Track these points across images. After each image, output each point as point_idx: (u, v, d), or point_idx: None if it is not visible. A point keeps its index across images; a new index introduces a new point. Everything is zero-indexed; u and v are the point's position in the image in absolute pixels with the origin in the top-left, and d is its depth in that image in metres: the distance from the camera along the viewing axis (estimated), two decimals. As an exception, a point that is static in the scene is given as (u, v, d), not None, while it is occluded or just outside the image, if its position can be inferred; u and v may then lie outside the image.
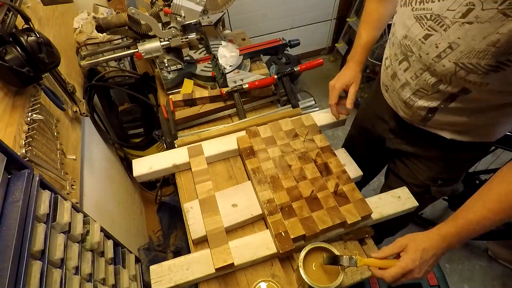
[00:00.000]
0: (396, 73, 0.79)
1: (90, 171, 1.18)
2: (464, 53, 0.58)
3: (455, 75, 0.62)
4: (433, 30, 0.62)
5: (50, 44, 0.86)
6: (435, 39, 0.62)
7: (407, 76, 0.75)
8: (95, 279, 0.81)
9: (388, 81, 0.85)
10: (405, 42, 0.71)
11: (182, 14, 1.07)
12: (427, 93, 0.72)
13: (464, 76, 0.61)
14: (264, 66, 1.36)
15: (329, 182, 0.85)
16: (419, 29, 0.64)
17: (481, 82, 0.60)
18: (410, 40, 0.68)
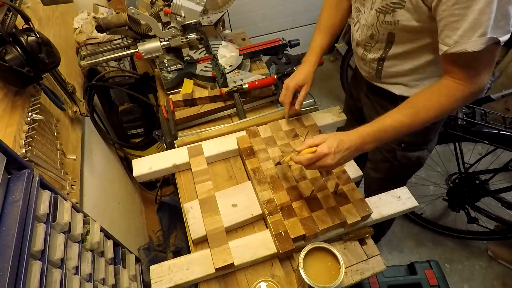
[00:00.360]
0: (353, 35, 0.94)
1: (90, 171, 1.18)
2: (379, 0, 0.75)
3: (378, 20, 0.79)
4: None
5: (50, 44, 0.86)
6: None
7: (357, 35, 0.91)
8: (95, 279, 0.81)
9: (353, 46, 0.98)
10: (355, 6, 0.89)
11: (182, 14, 1.07)
12: (371, 45, 0.88)
13: (383, 19, 0.77)
14: (264, 66, 1.36)
15: (329, 182, 0.85)
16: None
17: (394, 21, 0.75)
18: (356, 2, 0.87)
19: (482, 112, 1.31)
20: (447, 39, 0.65)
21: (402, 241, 1.78)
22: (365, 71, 0.98)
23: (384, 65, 0.89)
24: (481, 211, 1.55)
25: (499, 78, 2.10)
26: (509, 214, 1.68)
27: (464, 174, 1.51)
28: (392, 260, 1.71)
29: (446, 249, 1.75)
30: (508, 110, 2.11)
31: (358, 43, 0.92)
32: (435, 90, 0.71)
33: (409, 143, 1.02)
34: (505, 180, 1.62)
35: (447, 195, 1.65)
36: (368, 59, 0.91)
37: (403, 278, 1.13)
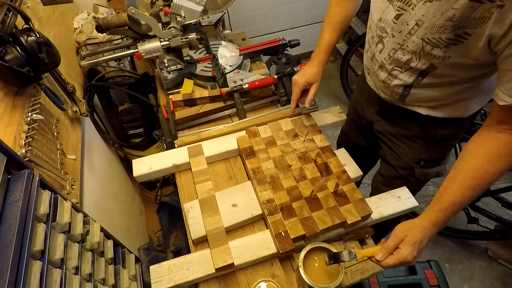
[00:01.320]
0: (374, 55, 0.86)
1: (90, 171, 1.18)
2: (428, 29, 0.65)
3: (422, 50, 0.70)
4: (402, 10, 0.69)
5: (50, 44, 0.86)
6: (405, 18, 0.69)
7: (381, 57, 0.82)
8: (95, 279, 0.81)
9: (368, 63, 0.91)
10: (380, 25, 0.78)
11: (182, 14, 1.07)
12: (400, 71, 0.79)
13: (430, 51, 0.68)
14: (264, 66, 1.36)
15: (329, 182, 0.85)
16: (391, 10, 0.72)
17: (444, 56, 0.67)
18: (384, 22, 0.76)
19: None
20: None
21: (402, 241, 1.78)
22: (384, 94, 0.90)
23: (412, 91, 0.81)
24: (481, 211, 1.55)
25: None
26: (509, 214, 1.68)
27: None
28: (392, 260, 1.71)
29: (446, 249, 1.74)
30: (508, 110, 2.11)
31: (382, 66, 0.83)
32: (495, 150, 0.64)
33: (428, 160, 0.97)
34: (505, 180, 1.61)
35: (447, 195, 1.65)
36: (393, 84, 0.83)
37: (403, 278, 1.13)
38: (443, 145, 0.95)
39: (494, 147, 0.64)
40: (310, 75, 0.95)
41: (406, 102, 0.86)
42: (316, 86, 0.97)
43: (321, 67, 0.97)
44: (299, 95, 0.97)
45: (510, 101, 0.60)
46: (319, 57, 0.98)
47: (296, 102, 0.98)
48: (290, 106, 1.00)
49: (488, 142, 0.65)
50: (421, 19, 0.66)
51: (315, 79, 0.96)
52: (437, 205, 0.67)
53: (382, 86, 0.88)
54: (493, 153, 0.64)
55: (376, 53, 0.84)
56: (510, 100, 0.60)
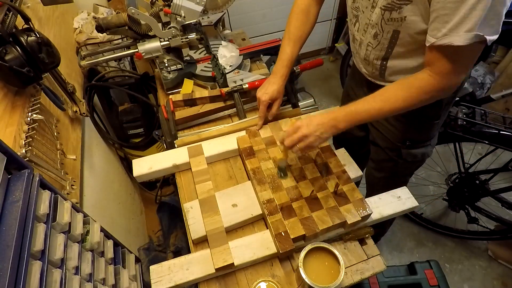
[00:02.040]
0: (354, 36, 0.93)
1: (90, 171, 1.18)
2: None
3: (383, 18, 0.77)
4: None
5: (50, 44, 0.86)
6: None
7: (359, 35, 0.89)
8: (95, 279, 0.81)
9: (352, 46, 0.98)
10: (354, 5, 0.87)
11: (182, 14, 1.07)
12: (373, 45, 0.86)
13: (390, 16, 0.75)
14: (264, 66, 1.36)
15: (329, 182, 0.85)
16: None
17: (401, 17, 0.73)
18: (356, 2, 0.85)
19: (482, 112, 1.31)
20: (435, 31, 0.65)
21: (402, 241, 1.78)
22: (367, 71, 0.97)
23: (388, 64, 0.88)
24: (481, 211, 1.55)
25: (499, 78, 2.10)
26: (509, 214, 1.68)
27: (464, 174, 1.51)
28: (392, 260, 1.71)
29: (446, 249, 1.75)
30: (508, 110, 2.11)
31: (360, 43, 0.91)
32: (409, 81, 0.74)
33: (413, 140, 1.02)
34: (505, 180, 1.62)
35: (447, 195, 1.65)
36: (371, 58, 0.90)
37: (403, 278, 1.13)
38: (425, 124, 0.99)
39: (411, 77, 0.74)
40: (273, 92, 0.97)
41: (386, 77, 0.92)
42: (279, 103, 1.00)
43: (283, 82, 0.98)
44: (265, 112, 0.99)
45: (431, 40, 0.66)
46: (281, 71, 0.98)
47: (263, 118, 0.99)
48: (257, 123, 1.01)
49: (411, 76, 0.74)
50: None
51: (278, 95, 0.98)
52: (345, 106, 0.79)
53: (365, 63, 0.95)
54: (407, 82, 0.74)
55: (355, 33, 0.91)
56: (431, 39, 0.66)
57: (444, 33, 0.63)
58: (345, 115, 0.78)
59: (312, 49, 2.90)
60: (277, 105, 0.99)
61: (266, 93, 0.97)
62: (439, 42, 0.65)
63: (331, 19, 2.66)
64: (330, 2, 2.52)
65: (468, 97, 2.02)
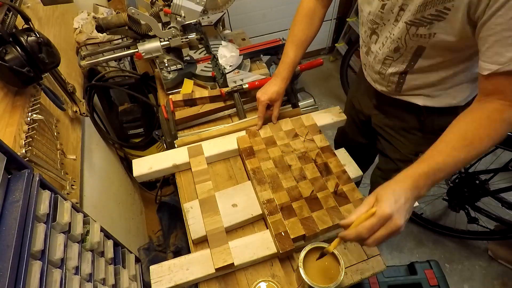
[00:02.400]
0: (369, 48, 0.88)
1: (90, 171, 1.18)
2: (411, 11, 0.68)
3: (408, 33, 0.72)
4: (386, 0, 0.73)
5: (50, 44, 0.86)
6: (389, 6, 0.73)
7: (376, 48, 0.84)
8: (95, 279, 0.81)
9: (364, 58, 0.94)
10: (370, 18, 0.81)
11: (182, 14, 1.07)
12: (393, 59, 0.81)
13: (415, 32, 0.70)
14: (264, 66, 1.36)
15: (329, 182, 0.85)
16: (377, 2, 0.75)
17: (429, 34, 0.69)
18: (372, 14, 0.79)
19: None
20: (496, 56, 0.57)
21: (402, 241, 1.78)
22: (381, 85, 0.92)
23: (407, 78, 0.83)
24: (481, 211, 1.55)
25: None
26: (509, 214, 1.68)
27: (464, 174, 1.51)
28: (392, 260, 1.71)
29: (446, 249, 1.74)
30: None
31: (376, 57, 0.85)
32: (484, 116, 0.62)
33: None
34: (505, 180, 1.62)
35: (447, 195, 1.65)
36: (388, 73, 0.85)
37: (403, 278, 1.13)
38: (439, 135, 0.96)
39: (484, 113, 0.62)
40: (272, 93, 0.96)
41: (402, 91, 0.88)
42: (279, 105, 0.99)
43: (284, 85, 0.98)
44: (264, 113, 0.98)
45: (493, 67, 0.59)
46: (283, 74, 0.98)
47: (263, 119, 0.99)
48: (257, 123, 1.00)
49: (477, 111, 0.64)
50: (404, 3, 0.69)
51: (277, 97, 0.97)
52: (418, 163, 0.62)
53: (378, 77, 0.90)
54: (482, 118, 0.62)
55: (371, 45, 0.86)
56: (493, 66, 0.58)
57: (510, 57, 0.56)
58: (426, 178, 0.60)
59: (312, 49, 2.90)
60: (277, 107, 0.99)
61: (265, 94, 0.97)
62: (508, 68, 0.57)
63: (331, 19, 2.67)
64: (330, 2, 2.52)
65: (468, 97, 2.02)
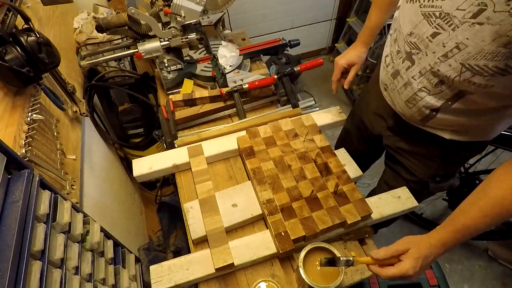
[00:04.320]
0: (398, 71, 0.77)
1: (90, 171, 1.18)
2: (471, 54, 0.57)
3: (459, 76, 0.62)
4: (441, 29, 0.61)
5: (50, 44, 0.86)
6: (442, 38, 0.61)
7: (409, 75, 0.74)
8: (95, 279, 0.81)
9: (388, 79, 0.83)
10: (410, 40, 0.69)
11: (182, 14, 1.07)
12: (429, 93, 0.72)
13: (469, 78, 0.60)
14: (264, 66, 1.36)
15: (329, 182, 0.85)
16: (427, 27, 0.63)
17: (485, 84, 0.60)
18: (416, 37, 0.67)
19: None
20: None
21: (402, 241, 1.78)
22: (404, 112, 0.83)
23: (438, 115, 0.75)
24: (481, 211, 1.55)
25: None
26: (509, 214, 1.68)
27: (464, 174, 1.51)
28: (392, 260, 1.71)
29: (446, 249, 1.74)
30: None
31: (407, 84, 0.76)
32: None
33: (443, 176, 0.94)
34: (505, 180, 1.61)
35: (447, 195, 1.65)
36: (420, 105, 0.75)
37: (403, 278, 1.13)
38: (460, 163, 0.93)
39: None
40: (352, 56, 0.95)
41: (427, 125, 0.80)
42: (357, 67, 0.96)
43: (365, 48, 0.97)
44: (339, 77, 0.96)
45: None
46: (363, 38, 0.96)
47: (337, 83, 0.98)
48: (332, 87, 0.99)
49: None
50: (463, 42, 0.57)
51: (357, 60, 0.95)
52: (451, 226, 0.62)
53: (403, 105, 0.81)
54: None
55: (402, 70, 0.76)
56: None
57: None
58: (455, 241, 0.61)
59: (312, 49, 2.91)
60: (354, 71, 0.96)
61: (343, 57, 0.95)
62: None
63: (331, 19, 2.67)
64: (330, 2, 2.52)
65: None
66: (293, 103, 1.11)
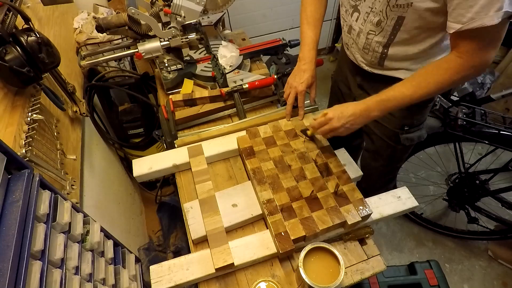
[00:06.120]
0: (351, 26, 0.93)
1: (90, 171, 1.18)
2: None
3: (388, 5, 0.77)
4: None
5: (50, 44, 0.86)
6: None
7: (358, 24, 0.89)
8: (95, 279, 0.81)
9: (346, 37, 0.99)
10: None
11: (182, 14, 1.07)
12: (375, 33, 0.87)
13: (395, 3, 0.75)
14: (264, 66, 1.36)
15: (329, 182, 0.85)
16: None
17: (407, 3, 0.74)
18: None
19: (482, 112, 1.31)
20: (459, 17, 0.66)
21: (402, 241, 1.78)
22: (365, 60, 0.97)
23: (389, 51, 0.88)
24: (481, 211, 1.55)
25: (499, 78, 2.10)
26: (509, 214, 1.68)
27: (464, 174, 1.51)
28: (392, 260, 1.71)
29: (446, 249, 1.75)
30: (508, 110, 2.11)
31: (359, 32, 0.91)
32: (436, 64, 0.75)
33: (410, 125, 1.05)
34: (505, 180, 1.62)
35: (447, 195, 1.65)
36: (373, 47, 0.90)
37: (403, 278, 1.13)
38: (421, 108, 1.01)
39: (438, 61, 0.76)
40: (307, 79, 0.99)
41: (385, 66, 0.93)
42: (315, 85, 1.02)
43: (314, 65, 1.01)
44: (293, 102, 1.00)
45: (456, 27, 0.68)
46: (308, 55, 1.00)
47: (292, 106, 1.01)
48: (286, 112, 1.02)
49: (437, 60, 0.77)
50: None
51: (312, 80, 1.00)
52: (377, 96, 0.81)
53: (362, 53, 0.95)
54: (434, 65, 0.76)
55: (352, 23, 0.91)
56: (456, 26, 0.67)
57: (470, 17, 0.64)
58: (377, 104, 0.80)
59: (312, 49, 2.90)
60: (314, 90, 1.03)
61: (301, 83, 0.98)
62: (468, 27, 0.65)
63: (331, 19, 2.67)
64: (330, 2, 2.51)
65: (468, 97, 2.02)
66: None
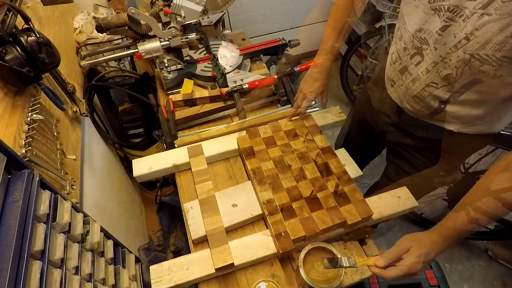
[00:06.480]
0: (407, 68, 0.79)
1: (90, 171, 1.18)
2: (480, 44, 0.59)
3: (469, 65, 0.63)
4: (451, 21, 0.63)
5: (50, 44, 0.86)
6: (452, 29, 0.63)
7: (418, 71, 0.75)
8: (95, 279, 0.81)
9: (395, 76, 0.85)
10: (419, 35, 0.71)
11: (182, 14, 1.07)
12: (436, 86, 0.74)
13: (478, 67, 0.62)
14: (264, 66, 1.36)
15: (329, 183, 0.85)
16: (437, 21, 0.65)
17: (494, 74, 0.61)
18: (426, 32, 0.69)
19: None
20: None
21: (402, 241, 1.78)
22: (412, 108, 0.84)
23: (448, 108, 0.76)
24: (481, 211, 1.55)
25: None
26: (509, 214, 1.68)
27: (464, 174, 1.51)
28: (392, 260, 1.71)
29: (446, 249, 1.74)
30: (508, 110, 2.11)
31: (415, 79, 0.77)
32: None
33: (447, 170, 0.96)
34: (505, 180, 1.61)
35: (447, 195, 1.65)
36: (428, 100, 0.77)
37: (403, 278, 1.12)
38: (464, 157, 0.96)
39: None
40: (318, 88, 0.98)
41: (435, 118, 0.81)
42: (327, 93, 1.02)
43: (327, 74, 0.99)
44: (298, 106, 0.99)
45: None
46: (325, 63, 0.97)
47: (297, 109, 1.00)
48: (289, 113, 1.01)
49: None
50: (473, 33, 0.59)
51: (323, 88, 1.00)
52: (451, 222, 0.63)
53: (411, 100, 0.82)
54: None
55: (410, 66, 0.77)
56: None
57: None
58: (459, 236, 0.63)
59: (312, 49, 2.90)
60: (325, 97, 1.03)
61: (311, 92, 0.97)
62: None
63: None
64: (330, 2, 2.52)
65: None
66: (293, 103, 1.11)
